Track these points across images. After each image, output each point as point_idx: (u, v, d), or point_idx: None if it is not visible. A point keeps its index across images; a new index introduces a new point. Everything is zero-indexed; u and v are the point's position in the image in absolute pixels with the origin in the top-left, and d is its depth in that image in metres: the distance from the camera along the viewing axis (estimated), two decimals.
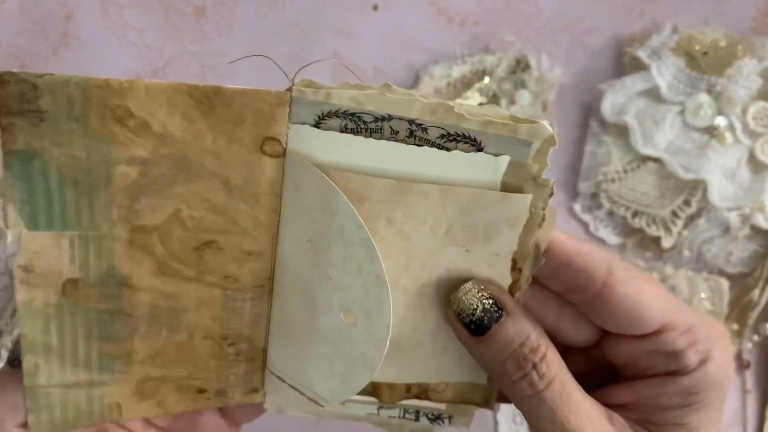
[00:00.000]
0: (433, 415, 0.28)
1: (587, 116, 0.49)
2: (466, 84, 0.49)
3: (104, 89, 0.20)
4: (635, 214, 0.48)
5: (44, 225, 0.22)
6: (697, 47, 0.47)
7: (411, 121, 0.21)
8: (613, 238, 0.48)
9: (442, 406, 0.28)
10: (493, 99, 0.49)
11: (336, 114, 0.22)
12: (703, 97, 0.46)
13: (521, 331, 0.23)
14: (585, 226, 0.49)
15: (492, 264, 0.24)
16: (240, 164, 0.22)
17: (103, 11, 0.52)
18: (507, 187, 0.22)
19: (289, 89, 0.22)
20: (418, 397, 0.27)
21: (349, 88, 0.22)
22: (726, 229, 0.46)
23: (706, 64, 0.47)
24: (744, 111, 0.46)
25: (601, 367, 0.27)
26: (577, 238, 0.24)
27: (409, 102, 0.21)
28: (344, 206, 0.22)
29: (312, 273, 0.24)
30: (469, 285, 0.23)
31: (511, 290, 0.24)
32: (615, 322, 0.25)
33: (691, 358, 0.24)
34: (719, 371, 0.24)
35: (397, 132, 0.22)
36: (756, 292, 0.45)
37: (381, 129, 0.22)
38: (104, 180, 0.22)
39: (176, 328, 0.25)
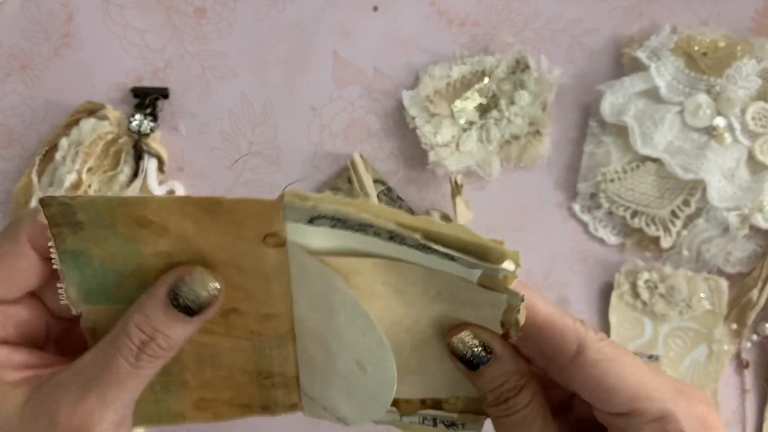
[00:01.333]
0: (448, 421, 0.30)
1: (586, 116, 0.50)
2: (465, 85, 0.49)
3: (123, 205, 0.24)
4: (634, 214, 0.48)
5: (97, 301, 0.27)
6: (696, 48, 0.47)
7: (390, 231, 0.24)
8: (612, 238, 0.49)
9: (455, 415, 0.31)
10: (493, 99, 0.49)
11: (324, 217, 0.24)
12: (702, 98, 0.47)
13: (503, 373, 0.26)
14: (584, 226, 0.49)
15: (482, 321, 0.27)
16: (248, 254, 0.26)
17: (104, 12, 0.52)
18: (483, 285, 0.25)
19: (281, 198, 0.24)
20: (432, 408, 0.31)
21: (331, 203, 0.24)
22: (725, 229, 0.46)
23: (705, 65, 0.47)
24: (743, 111, 0.46)
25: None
26: (554, 306, 0.25)
27: (384, 222, 0.24)
28: (342, 287, 0.26)
29: (324, 329, 0.28)
30: (463, 333, 0.26)
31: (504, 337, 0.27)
32: (583, 393, 0.25)
33: None
34: None
35: (379, 234, 0.25)
36: (755, 292, 0.45)
37: (366, 231, 0.25)
38: (138, 267, 0.26)
39: (218, 367, 0.30)
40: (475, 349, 0.26)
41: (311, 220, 0.25)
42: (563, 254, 0.49)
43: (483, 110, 0.49)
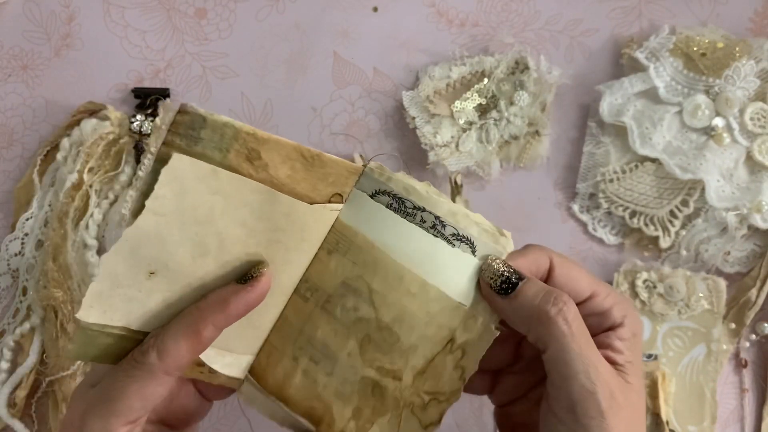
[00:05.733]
0: None
1: (586, 117, 0.50)
2: (465, 85, 0.50)
3: (251, 134, 0.27)
4: (633, 214, 0.48)
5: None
6: (695, 48, 0.47)
7: (437, 217, 0.29)
8: (611, 238, 0.49)
9: None
10: (492, 100, 0.49)
11: (388, 194, 0.30)
12: (701, 98, 0.47)
13: (542, 287, 0.29)
14: (583, 226, 0.49)
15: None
16: (313, 209, 0.30)
17: (105, 13, 0.52)
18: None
19: (364, 166, 0.30)
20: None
21: (404, 179, 0.30)
22: (723, 229, 0.47)
23: (704, 65, 0.47)
24: (741, 112, 0.46)
25: None
26: (522, 252, 0.31)
27: (439, 203, 0.29)
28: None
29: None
30: (492, 257, 0.30)
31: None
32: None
33: (616, 314, 0.30)
34: (634, 325, 0.31)
35: (425, 221, 0.30)
36: (753, 292, 0.46)
37: (415, 215, 0.30)
38: None
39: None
40: (508, 268, 0.30)
41: (374, 194, 0.30)
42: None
43: (482, 111, 0.49)
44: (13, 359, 0.48)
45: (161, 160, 0.26)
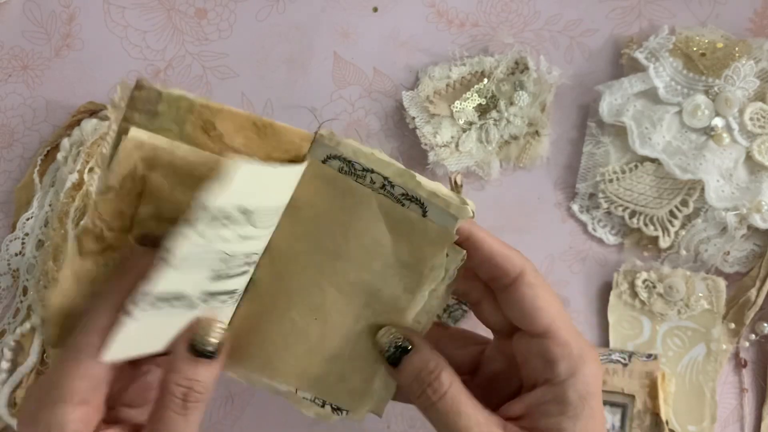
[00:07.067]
0: (335, 405, 0.34)
1: (585, 117, 0.50)
2: (465, 85, 0.50)
3: (204, 106, 0.28)
4: (633, 214, 0.48)
5: None
6: (695, 49, 0.47)
7: (385, 177, 0.30)
8: (611, 238, 0.49)
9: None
10: (492, 100, 0.49)
11: (338, 158, 0.30)
12: (701, 98, 0.47)
13: (422, 361, 0.30)
14: (583, 226, 0.49)
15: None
16: None
17: (105, 13, 0.52)
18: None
19: (315, 133, 0.31)
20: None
21: (352, 144, 0.30)
22: (723, 229, 0.47)
23: (703, 66, 0.47)
24: (741, 112, 0.46)
25: (513, 369, 0.32)
26: (502, 242, 0.31)
27: (387, 164, 0.30)
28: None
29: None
30: (386, 329, 0.31)
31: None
32: (514, 313, 0.31)
33: (561, 368, 0.29)
34: (583, 387, 0.29)
35: (374, 182, 0.31)
36: (753, 292, 0.46)
37: (364, 177, 0.31)
38: None
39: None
40: (398, 341, 0.30)
41: (326, 159, 0.31)
42: (562, 254, 0.49)
43: (482, 111, 0.49)
44: (13, 359, 0.48)
45: (124, 131, 0.27)
